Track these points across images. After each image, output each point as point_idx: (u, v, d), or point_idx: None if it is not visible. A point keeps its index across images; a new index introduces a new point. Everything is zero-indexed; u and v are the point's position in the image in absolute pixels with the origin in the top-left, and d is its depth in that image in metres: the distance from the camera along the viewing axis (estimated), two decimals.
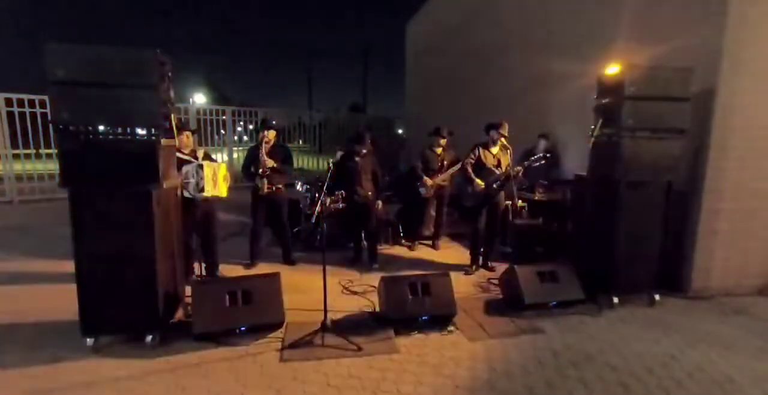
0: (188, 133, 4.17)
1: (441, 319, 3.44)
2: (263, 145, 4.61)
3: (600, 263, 3.91)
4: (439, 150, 5.58)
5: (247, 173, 4.77)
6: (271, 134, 4.64)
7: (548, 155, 4.79)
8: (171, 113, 3.13)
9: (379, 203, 4.93)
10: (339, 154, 6.45)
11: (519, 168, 4.60)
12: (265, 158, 4.56)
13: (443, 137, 5.54)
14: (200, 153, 4.25)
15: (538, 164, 4.71)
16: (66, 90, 2.73)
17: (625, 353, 3.06)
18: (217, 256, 4.44)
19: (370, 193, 4.88)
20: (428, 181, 5.51)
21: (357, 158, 4.86)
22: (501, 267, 4.41)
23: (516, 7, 7.33)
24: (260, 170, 4.57)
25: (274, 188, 4.66)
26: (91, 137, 2.81)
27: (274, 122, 4.81)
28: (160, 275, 3.00)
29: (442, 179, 5.55)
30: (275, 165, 4.60)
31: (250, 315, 3.19)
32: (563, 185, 5.54)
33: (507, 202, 5.23)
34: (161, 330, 3.09)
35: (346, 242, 5.67)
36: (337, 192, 5.33)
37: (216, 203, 4.33)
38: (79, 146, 2.79)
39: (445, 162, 5.53)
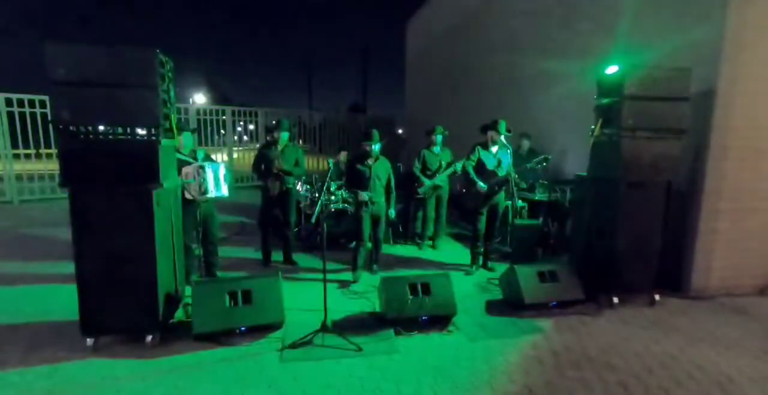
0: (187, 133, 4.18)
1: (441, 319, 3.44)
2: (278, 145, 4.65)
3: (600, 263, 3.91)
4: (436, 150, 5.63)
5: (258, 171, 4.80)
6: (285, 136, 4.68)
7: (550, 157, 4.82)
8: (171, 113, 3.13)
9: (392, 211, 4.73)
10: (342, 154, 6.46)
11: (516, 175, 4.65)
12: (281, 160, 4.60)
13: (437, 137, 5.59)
14: (200, 154, 4.26)
15: (539, 166, 4.73)
16: (66, 90, 2.73)
17: (625, 353, 3.06)
18: (217, 256, 4.44)
19: (383, 199, 4.54)
20: (426, 181, 5.54)
21: (369, 161, 4.47)
22: (501, 267, 4.41)
23: (515, 7, 7.33)
24: (274, 171, 4.60)
25: (285, 188, 4.70)
26: (91, 137, 2.81)
27: (288, 125, 4.83)
28: (160, 275, 3.00)
29: (440, 179, 5.58)
30: (287, 169, 4.64)
31: (250, 315, 3.20)
32: (563, 185, 5.55)
33: (507, 202, 5.24)
34: (161, 330, 3.08)
35: (347, 243, 5.67)
36: (338, 187, 5.27)
37: (216, 203, 4.33)
38: (79, 146, 2.80)
39: (443, 162, 5.58)
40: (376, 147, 4.44)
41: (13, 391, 2.53)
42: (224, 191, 4.09)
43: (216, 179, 3.98)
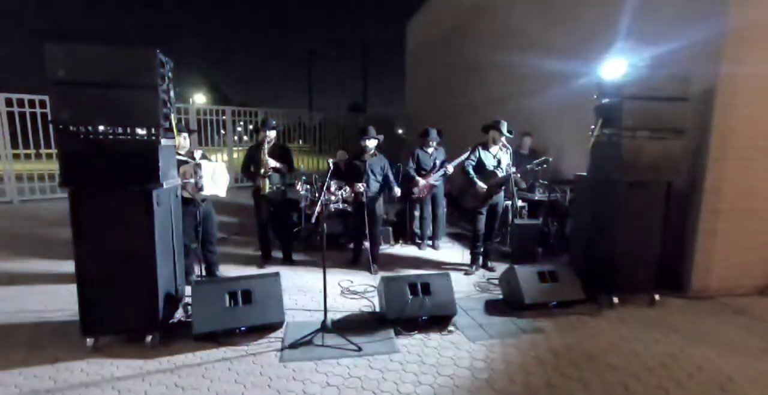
0: (185, 134, 4.18)
1: (441, 319, 3.44)
2: (264, 145, 4.62)
3: (600, 263, 3.91)
4: (430, 150, 5.65)
5: (246, 172, 4.79)
6: (271, 135, 4.65)
7: (550, 159, 4.82)
8: (171, 113, 3.13)
9: (386, 209, 4.80)
10: (340, 153, 6.47)
11: (517, 174, 4.66)
12: (267, 158, 4.58)
13: (432, 139, 5.62)
14: (197, 154, 4.26)
15: (539, 168, 4.74)
16: (66, 90, 2.73)
17: (625, 353, 3.06)
18: (217, 256, 4.44)
19: (377, 194, 4.70)
20: (421, 181, 5.56)
21: (365, 156, 4.67)
22: (501, 267, 4.41)
23: (514, 8, 7.33)
24: (261, 171, 4.58)
25: (275, 188, 4.68)
26: (91, 137, 2.81)
27: (274, 123, 4.82)
28: (160, 276, 3.00)
29: (434, 178, 5.60)
30: (277, 165, 4.62)
31: (250, 315, 3.19)
32: (563, 185, 5.55)
33: (507, 202, 5.24)
34: (161, 330, 3.08)
35: (346, 243, 5.67)
36: (338, 187, 5.30)
37: (215, 203, 4.33)
38: (79, 146, 2.79)
39: (437, 162, 5.61)
40: (370, 143, 4.57)
41: (14, 391, 2.53)
42: (221, 190, 4.09)
43: (213, 177, 3.98)
